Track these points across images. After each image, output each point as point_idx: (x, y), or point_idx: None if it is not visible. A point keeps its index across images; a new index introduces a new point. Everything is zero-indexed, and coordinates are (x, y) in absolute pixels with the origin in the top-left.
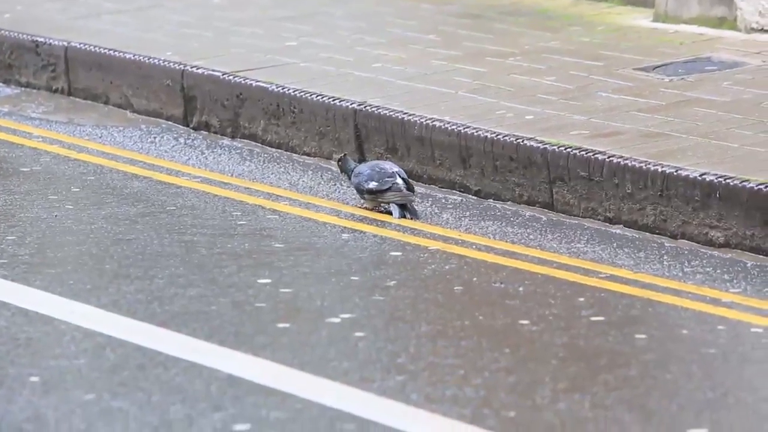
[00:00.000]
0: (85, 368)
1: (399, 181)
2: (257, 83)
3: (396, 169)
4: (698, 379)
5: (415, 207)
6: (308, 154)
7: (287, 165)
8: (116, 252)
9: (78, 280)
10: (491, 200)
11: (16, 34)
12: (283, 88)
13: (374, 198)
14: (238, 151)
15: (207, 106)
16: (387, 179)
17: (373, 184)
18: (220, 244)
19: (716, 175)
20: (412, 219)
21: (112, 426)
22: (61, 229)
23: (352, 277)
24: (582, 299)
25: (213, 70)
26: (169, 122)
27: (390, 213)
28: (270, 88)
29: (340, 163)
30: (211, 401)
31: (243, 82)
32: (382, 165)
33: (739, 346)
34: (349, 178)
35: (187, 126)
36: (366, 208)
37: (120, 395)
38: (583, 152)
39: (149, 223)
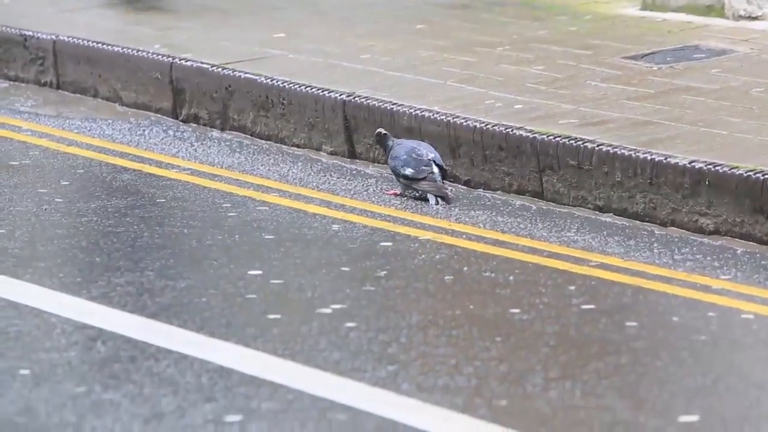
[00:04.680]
0: (75, 361)
1: (435, 170)
2: (246, 75)
3: (432, 155)
4: (689, 366)
5: (448, 193)
6: (298, 146)
7: (277, 156)
8: (106, 245)
9: (68, 273)
10: (481, 190)
11: (4, 28)
12: (272, 80)
13: (409, 184)
14: (227, 143)
15: (196, 99)
16: (423, 168)
17: (409, 171)
18: (210, 236)
19: (705, 162)
20: (445, 205)
21: (103, 418)
22: (51, 223)
23: (343, 268)
24: (572, 288)
25: (202, 63)
26: (158, 115)
27: (424, 199)
28: (259, 80)
29: (378, 138)
30: (203, 392)
31: (231, 74)
32: (419, 150)
33: (730, 333)
34: (386, 153)
35: (176, 118)
36: (395, 194)
37: (111, 387)
38: (573, 141)
39: (139, 215)
